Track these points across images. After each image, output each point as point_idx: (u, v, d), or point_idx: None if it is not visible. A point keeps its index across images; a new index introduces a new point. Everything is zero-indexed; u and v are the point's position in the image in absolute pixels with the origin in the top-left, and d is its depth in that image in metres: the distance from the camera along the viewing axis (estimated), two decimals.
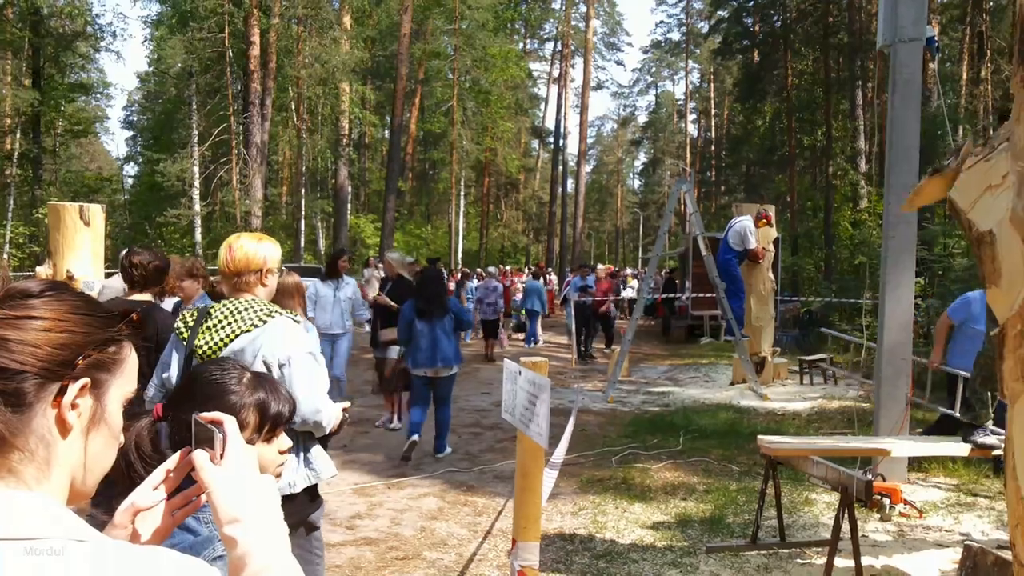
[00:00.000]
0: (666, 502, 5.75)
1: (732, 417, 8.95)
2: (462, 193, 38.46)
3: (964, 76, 24.39)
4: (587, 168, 56.43)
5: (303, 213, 29.70)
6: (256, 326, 2.80)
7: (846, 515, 3.89)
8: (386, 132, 32.30)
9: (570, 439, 4.46)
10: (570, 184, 50.16)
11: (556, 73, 50.32)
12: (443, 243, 36.47)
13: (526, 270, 27.47)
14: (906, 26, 6.01)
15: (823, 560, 4.26)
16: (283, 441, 1.64)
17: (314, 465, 2.92)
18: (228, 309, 2.86)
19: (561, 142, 48.97)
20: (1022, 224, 2.20)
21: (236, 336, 2.79)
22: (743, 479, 6.33)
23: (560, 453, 4.26)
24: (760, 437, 4.65)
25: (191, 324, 2.91)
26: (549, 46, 52.85)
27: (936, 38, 6.46)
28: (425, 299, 6.82)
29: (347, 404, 3.06)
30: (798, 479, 6.01)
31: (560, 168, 48.49)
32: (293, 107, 29.49)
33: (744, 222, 11.27)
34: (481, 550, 4.80)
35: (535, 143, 58.80)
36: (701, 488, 6.10)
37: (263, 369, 2.83)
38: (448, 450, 7.14)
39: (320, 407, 2.81)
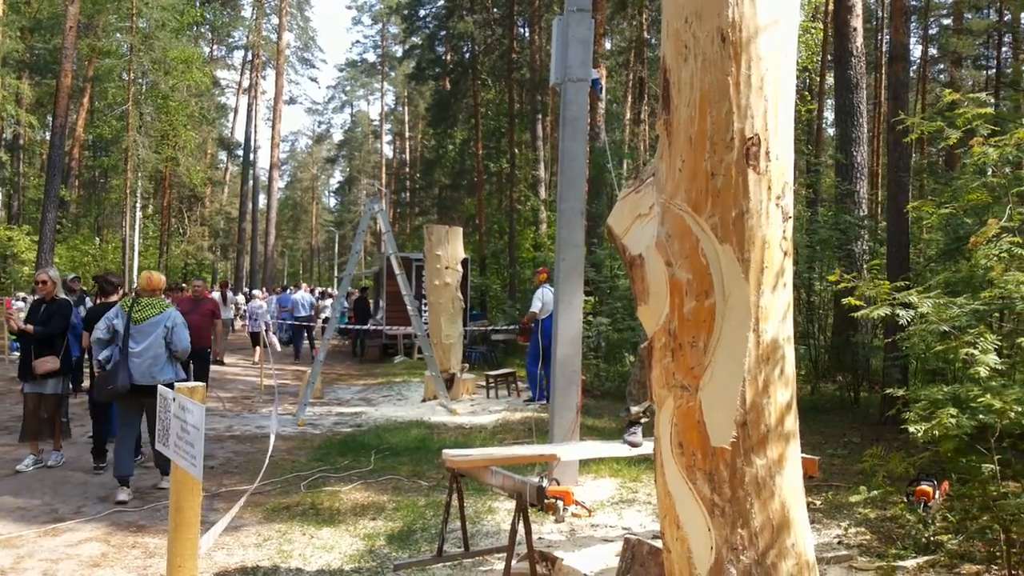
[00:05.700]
0: (355, 524, 5.69)
1: (423, 433, 9.12)
2: (138, 205, 35.18)
3: (627, 116, 27.45)
4: (280, 184, 54.82)
5: None
6: (165, 310, 6.46)
7: (521, 520, 4.10)
8: (47, 134, 28.58)
9: (256, 466, 4.23)
10: (261, 200, 48.36)
11: (246, 84, 48.36)
12: (115, 259, 33.07)
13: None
14: (574, 67, 6.58)
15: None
16: None
17: (180, 372, 6.58)
18: (147, 301, 6.46)
19: (251, 155, 47.11)
20: (665, 249, 2.47)
21: (157, 314, 6.38)
22: (432, 493, 6.46)
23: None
24: (444, 451, 4.76)
25: (130, 304, 6.42)
26: (238, 54, 50.65)
27: (601, 80, 7.15)
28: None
29: None
30: (482, 490, 6.26)
31: (251, 183, 46.55)
32: None
33: (542, 294, 10.96)
34: None
35: (223, 155, 55.80)
36: (391, 506, 6.12)
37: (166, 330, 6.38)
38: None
39: (187, 347, 6.47)
